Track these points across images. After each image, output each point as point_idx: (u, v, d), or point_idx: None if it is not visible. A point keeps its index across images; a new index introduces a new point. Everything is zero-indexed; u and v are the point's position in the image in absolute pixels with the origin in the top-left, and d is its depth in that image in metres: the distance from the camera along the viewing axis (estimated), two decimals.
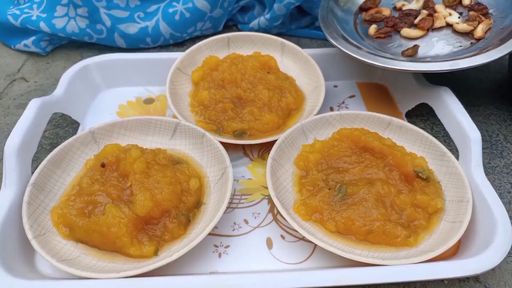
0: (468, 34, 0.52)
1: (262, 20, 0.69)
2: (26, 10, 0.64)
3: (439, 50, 0.51)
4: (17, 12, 0.64)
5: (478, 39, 0.50)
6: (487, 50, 0.47)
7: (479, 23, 0.51)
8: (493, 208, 0.39)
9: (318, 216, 0.41)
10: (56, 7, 0.64)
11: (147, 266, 0.35)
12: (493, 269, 0.37)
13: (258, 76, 0.53)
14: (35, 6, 0.64)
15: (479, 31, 0.50)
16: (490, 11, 0.53)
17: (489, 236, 0.38)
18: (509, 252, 0.40)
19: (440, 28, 0.53)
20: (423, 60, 0.49)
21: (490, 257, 0.36)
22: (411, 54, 0.50)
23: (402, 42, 0.53)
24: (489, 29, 0.51)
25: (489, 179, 0.42)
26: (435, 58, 0.49)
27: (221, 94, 0.52)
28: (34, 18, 0.63)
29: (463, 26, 0.52)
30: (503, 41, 0.48)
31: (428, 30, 0.53)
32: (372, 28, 0.55)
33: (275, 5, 0.66)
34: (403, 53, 0.51)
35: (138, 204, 0.38)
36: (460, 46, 0.50)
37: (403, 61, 0.49)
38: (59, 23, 0.64)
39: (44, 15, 0.63)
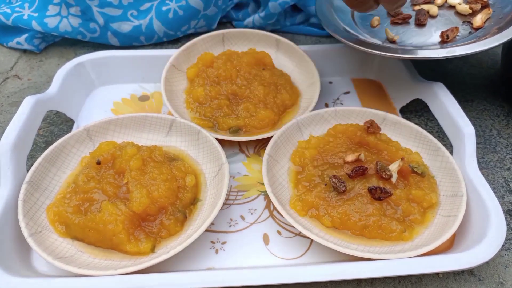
0: (467, 23, 0.52)
1: (256, 18, 0.69)
2: (17, 9, 0.63)
3: (437, 39, 0.51)
4: (8, 10, 0.63)
5: (477, 29, 0.51)
6: (485, 39, 0.47)
7: (481, 5, 0.52)
8: (487, 202, 0.39)
9: (314, 212, 0.41)
10: (48, 6, 0.63)
11: (144, 263, 0.35)
12: (487, 262, 0.38)
13: (253, 72, 0.53)
14: (26, 5, 0.63)
15: (478, 20, 0.51)
16: (490, 1, 0.53)
17: (483, 230, 0.38)
18: (502, 246, 0.41)
19: (442, 9, 0.54)
20: (420, 47, 0.49)
21: (484, 251, 0.36)
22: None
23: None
24: (488, 18, 0.51)
25: (482, 174, 0.43)
26: (433, 47, 0.50)
27: (217, 90, 0.52)
28: (25, 17, 0.63)
29: (464, 7, 0.52)
30: (500, 30, 0.47)
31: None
32: (375, 20, 0.55)
33: (270, 4, 0.66)
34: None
35: (135, 201, 0.38)
36: (458, 35, 0.51)
37: (400, 49, 0.49)
38: (51, 22, 0.63)
39: (35, 14, 0.63)
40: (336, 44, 0.61)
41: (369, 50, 0.49)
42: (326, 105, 0.58)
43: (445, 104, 0.48)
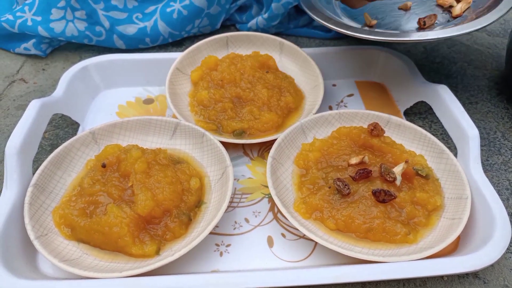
0: (447, 12, 0.52)
1: (260, 19, 0.69)
2: (18, 14, 0.63)
3: (415, 25, 0.51)
4: (10, 17, 0.63)
5: (456, 17, 0.51)
6: (460, 25, 0.47)
7: None
8: (491, 204, 0.39)
9: (318, 214, 0.41)
10: (51, 10, 0.63)
11: (149, 265, 0.35)
12: (492, 265, 0.38)
13: (257, 75, 0.54)
14: (26, 8, 0.64)
15: (458, 10, 0.51)
16: None
17: (487, 233, 0.38)
18: (507, 248, 0.41)
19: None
20: (393, 32, 0.49)
21: (489, 253, 0.36)
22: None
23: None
24: (467, 8, 0.51)
25: (487, 176, 0.43)
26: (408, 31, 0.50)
27: (221, 93, 0.52)
28: (30, 23, 0.63)
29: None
30: (475, 18, 0.47)
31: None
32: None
33: (273, 5, 0.66)
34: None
35: (140, 204, 0.38)
36: (437, 22, 0.51)
37: (373, 32, 0.49)
38: (57, 27, 0.64)
39: (39, 19, 0.63)
40: (340, 47, 0.61)
41: (341, 30, 0.49)
42: (330, 108, 0.58)
43: (449, 107, 0.48)
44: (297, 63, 0.59)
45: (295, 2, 0.66)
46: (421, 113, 0.57)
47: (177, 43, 0.70)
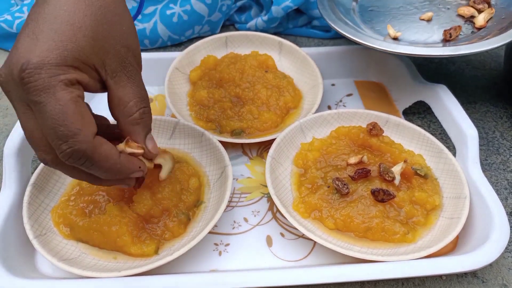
0: (469, 22, 0.52)
1: (259, 21, 0.69)
2: (17, 14, 0.63)
3: (440, 37, 0.51)
4: (9, 17, 0.63)
5: (479, 28, 0.51)
6: (488, 38, 0.47)
7: (486, 4, 0.51)
8: (490, 204, 0.39)
9: (317, 214, 0.41)
10: None
11: (148, 265, 0.35)
12: (490, 264, 0.38)
13: (256, 75, 0.54)
14: (25, 8, 0.63)
15: (481, 20, 0.51)
16: (493, 1, 0.53)
17: (486, 232, 0.38)
18: (506, 248, 0.41)
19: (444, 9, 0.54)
20: (423, 45, 0.49)
21: (487, 253, 0.36)
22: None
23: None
24: (490, 18, 0.51)
25: (486, 176, 0.43)
26: (436, 45, 0.49)
27: (220, 93, 0.52)
28: None
29: (467, 8, 0.52)
30: (503, 30, 0.47)
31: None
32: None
33: (273, 7, 0.66)
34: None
35: (139, 203, 0.38)
36: (461, 34, 0.51)
37: (403, 45, 0.49)
38: None
39: None
40: (339, 46, 0.61)
41: (375, 46, 0.48)
42: (329, 108, 0.58)
43: (448, 106, 0.48)
44: (296, 63, 0.59)
45: (295, 6, 0.66)
46: (420, 113, 0.57)
47: (176, 43, 0.70)
